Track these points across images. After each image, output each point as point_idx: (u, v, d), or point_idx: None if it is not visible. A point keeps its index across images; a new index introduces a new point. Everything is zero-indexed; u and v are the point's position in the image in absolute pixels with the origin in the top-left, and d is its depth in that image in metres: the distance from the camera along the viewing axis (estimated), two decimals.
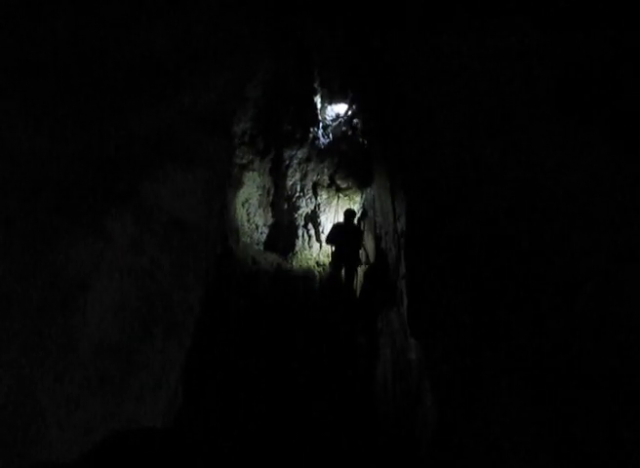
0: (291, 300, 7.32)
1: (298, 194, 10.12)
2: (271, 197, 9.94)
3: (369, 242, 8.32)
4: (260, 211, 9.76)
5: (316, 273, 8.96)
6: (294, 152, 9.82)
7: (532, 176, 3.77)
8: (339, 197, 10.21)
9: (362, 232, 8.38)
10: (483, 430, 3.21)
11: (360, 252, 8.17)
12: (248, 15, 5.58)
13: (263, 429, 4.73)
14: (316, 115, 9.99)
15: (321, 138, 10.08)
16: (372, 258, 8.04)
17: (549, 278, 3.38)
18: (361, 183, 9.59)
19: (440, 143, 4.20)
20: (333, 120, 10.42)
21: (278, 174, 9.88)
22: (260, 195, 9.70)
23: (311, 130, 9.81)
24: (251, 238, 9.47)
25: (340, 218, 8.82)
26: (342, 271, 8.11)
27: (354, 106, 9.86)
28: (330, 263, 8.50)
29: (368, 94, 7.44)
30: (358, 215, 8.85)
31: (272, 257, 9.08)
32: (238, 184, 9.11)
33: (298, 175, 10.04)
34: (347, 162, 9.83)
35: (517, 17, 4.47)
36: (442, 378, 3.63)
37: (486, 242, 3.72)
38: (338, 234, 7.97)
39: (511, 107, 4.08)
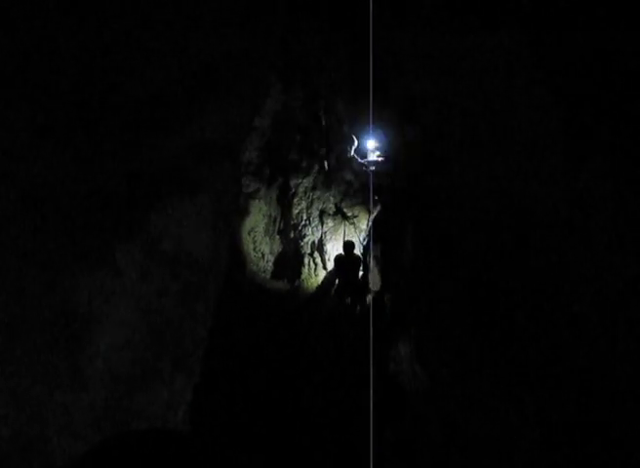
0: (299, 331, 7.27)
1: (304, 222, 10.14)
2: (277, 225, 9.97)
3: (374, 272, 8.33)
4: (267, 239, 9.77)
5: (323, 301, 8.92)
6: (300, 180, 9.87)
7: (533, 204, 3.79)
8: (345, 225, 10.21)
9: (361, 262, 8.57)
10: (489, 454, 3.18)
11: (366, 278, 8.29)
12: (255, 45, 5.68)
13: (274, 464, 4.64)
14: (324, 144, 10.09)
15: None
16: (377, 288, 8.04)
17: (552, 301, 3.37)
18: (368, 212, 9.63)
19: (447, 176, 4.23)
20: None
21: (284, 202, 9.93)
22: (266, 223, 9.73)
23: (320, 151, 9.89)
24: (257, 266, 9.45)
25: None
26: (347, 300, 8.25)
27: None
28: (334, 293, 8.68)
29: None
30: (364, 244, 8.95)
31: (279, 286, 9.05)
32: (244, 213, 9.15)
33: (304, 204, 10.08)
34: (354, 191, 9.88)
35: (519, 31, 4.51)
36: (448, 403, 3.61)
37: (491, 270, 3.73)
38: (339, 265, 8.27)
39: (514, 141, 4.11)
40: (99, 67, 4.43)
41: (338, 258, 8.46)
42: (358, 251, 8.91)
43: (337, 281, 8.42)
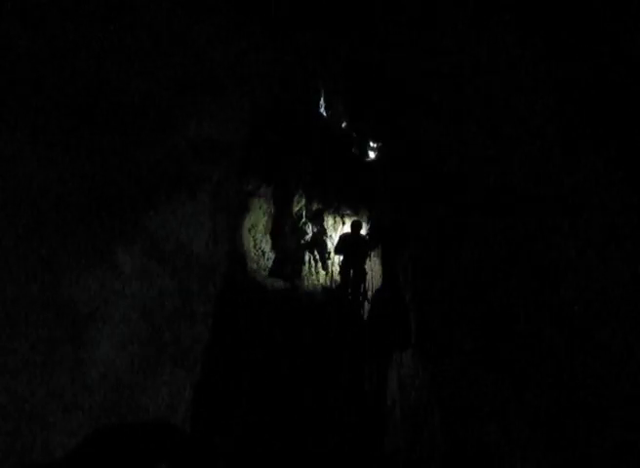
0: (298, 328, 7.28)
1: (304, 219, 10.16)
2: (277, 223, 9.98)
3: (376, 267, 8.34)
4: (267, 237, 9.79)
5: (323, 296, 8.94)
6: (299, 178, 9.88)
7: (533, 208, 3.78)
8: (344, 223, 10.24)
9: (367, 242, 8.52)
10: (490, 450, 3.18)
11: (367, 263, 8.34)
12: (254, 43, 5.66)
13: (275, 461, 4.65)
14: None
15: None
16: (378, 283, 8.04)
17: (550, 303, 3.37)
18: (368, 210, 9.68)
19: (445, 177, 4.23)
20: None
21: (284, 199, 9.94)
22: (266, 221, 9.74)
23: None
24: (257, 264, 9.46)
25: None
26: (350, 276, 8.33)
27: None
28: (339, 273, 8.77)
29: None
30: (366, 229, 9.02)
31: (279, 284, 9.06)
32: (244, 211, 9.16)
33: (303, 201, 10.10)
34: (354, 188, 9.91)
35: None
36: (449, 402, 3.62)
37: (490, 271, 3.73)
38: (345, 244, 8.23)
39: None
40: (96, 66, 4.42)
41: (343, 237, 8.46)
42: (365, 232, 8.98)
43: (341, 260, 8.47)
